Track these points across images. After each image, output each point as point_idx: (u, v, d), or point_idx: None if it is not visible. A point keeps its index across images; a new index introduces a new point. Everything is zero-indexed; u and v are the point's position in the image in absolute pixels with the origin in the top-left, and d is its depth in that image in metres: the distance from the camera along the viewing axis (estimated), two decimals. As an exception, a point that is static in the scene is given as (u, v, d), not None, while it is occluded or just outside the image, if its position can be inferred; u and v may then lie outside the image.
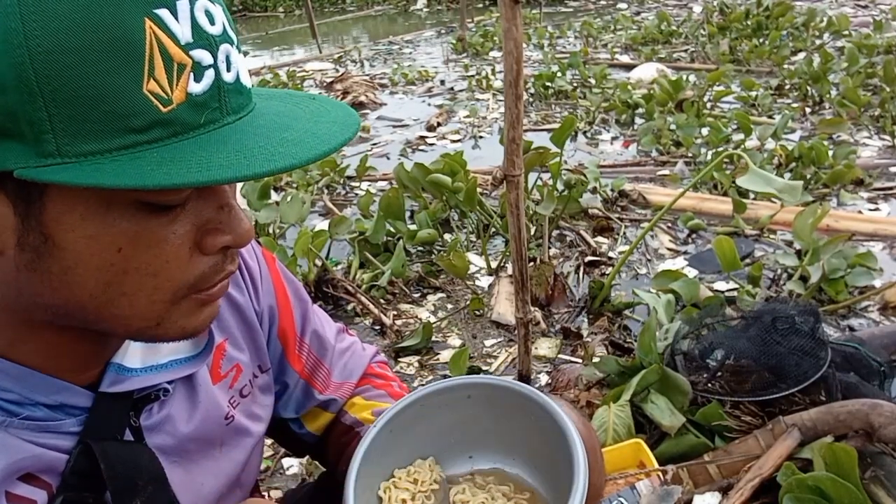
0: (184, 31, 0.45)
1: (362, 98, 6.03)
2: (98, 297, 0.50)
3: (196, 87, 0.46)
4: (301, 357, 0.84)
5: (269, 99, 0.54)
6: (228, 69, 0.48)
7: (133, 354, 0.62)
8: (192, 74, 0.45)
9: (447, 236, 3.13)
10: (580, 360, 2.18)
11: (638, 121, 4.73)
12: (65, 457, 0.57)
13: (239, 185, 3.39)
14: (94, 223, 0.47)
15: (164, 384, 0.64)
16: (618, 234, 3.08)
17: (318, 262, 2.71)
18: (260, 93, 0.54)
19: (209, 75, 0.46)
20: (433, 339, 2.39)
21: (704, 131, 4.07)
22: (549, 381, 2.09)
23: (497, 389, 0.71)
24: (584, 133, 4.68)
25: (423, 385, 0.75)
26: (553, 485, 0.61)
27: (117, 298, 0.50)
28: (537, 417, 0.68)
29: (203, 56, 0.46)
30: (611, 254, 2.90)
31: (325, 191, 3.91)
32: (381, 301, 2.63)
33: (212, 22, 0.47)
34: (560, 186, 3.14)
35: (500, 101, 5.65)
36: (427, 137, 4.93)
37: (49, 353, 0.56)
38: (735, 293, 2.42)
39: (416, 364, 2.30)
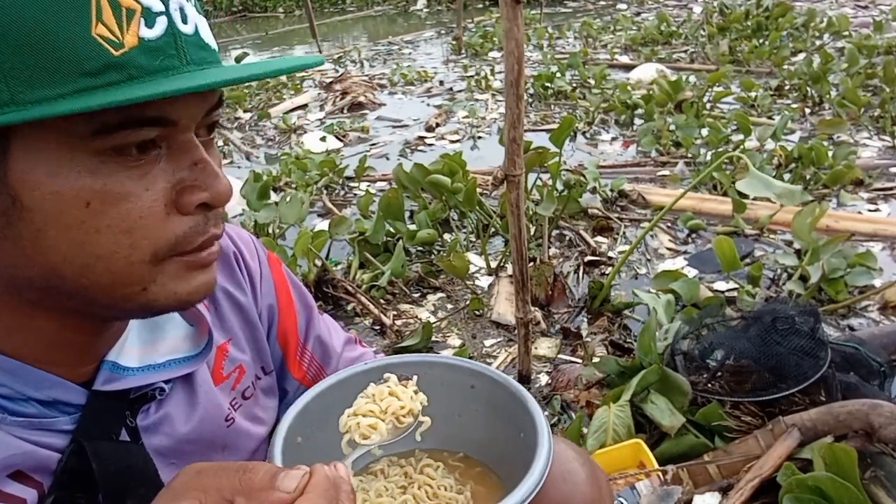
0: None
1: (361, 98, 6.03)
2: (73, 262, 0.49)
3: (149, 32, 0.46)
4: (302, 364, 0.83)
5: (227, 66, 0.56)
6: (185, 21, 0.49)
7: (130, 353, 0.61)
8: (142, 20, 0.46)
9: (447, 236, 3.13)
10: (580, 360, 2.18)
11: (637, 121, 4.73)
12: (57, 455, 0.56)
13: (237, 185, 3.39)
14: (59, 178, 0.46)
15: (161, 383, 0.63)
16: (617, 234, 3.08)
17: (318, 263, 2.70)
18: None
19: (162, 21, 0.47)
20: (433, 339, 2.39)
21: (704, 132, 4.07)
22: (549, 381, 2.09)
23: (452, 370, 0.70)
24: (584, 133, 4.68)
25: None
26: (509, 467, 0.59)
27: (94, 262, 0.49)
28: (486, 394, 0.67)
29: (152, 2, 0.46)
30: (610, 254, 2.90)
31: (325, 191, 3.91)
32: (381, 301, 2.63)
33: None
34: (560, 186, 3.14)
35: (500, 101, 5.65)
36: (426, 138, 4.93)
37: (41, 343, 0.55)
38: (735, 293, 2.42)
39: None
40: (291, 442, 0.64)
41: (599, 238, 3.06)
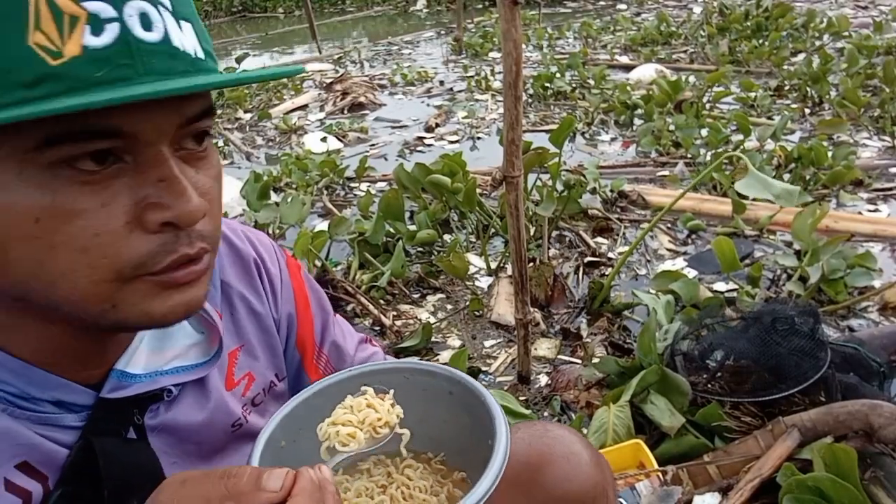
0: None
1: (362, 99, 6.03)
2: (39, 278, 0.48)
3: (94, 41, 0.43)
4: (319, 367, 0.84)
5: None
6: (148, 28, 0.46)
7: (137, 361, 0.61)
8: (88, 27, 0.43)
9: (447, 237, 3.13)
10: (580, 361, 2.18)
11: (637, 122, 4.73)
12: (64, 451, 0.56)
13: (237, 186, 3.38)
14: (7, 192, 0.44)
15: (170, 386, 0.63)
16: (617, 235, 3.08)
17: (318, 263, 2.70)
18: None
19: (112, 28, 0.44)
20: (433, 339, 2.39)
21: (704, 132, 4.07)
22: (549, 381, 2.09)
23: (432, 376, 0.72)
24: (583, 134, 4.68)
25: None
26: (479, 473, 0.60)
27: (58, 279, 0.48)
28: (463, 401, 0.69)
29: (100, 8, 0.43)
30: (610, 254, 2.90)
31: (325, 191, 3.91)
32: (381, 302, 2.63)
33: None
34: (559, 187, 3.14)
35: (499, 101, 5.65)
36: (425, 138, 4.93)
37: (43, 348, 0.55)
38: (735, 294, 2.42)
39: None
40: (274, 446, 0.65)
41: (599, 239, 3.06)
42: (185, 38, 0.48)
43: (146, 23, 0.45)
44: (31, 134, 0.43)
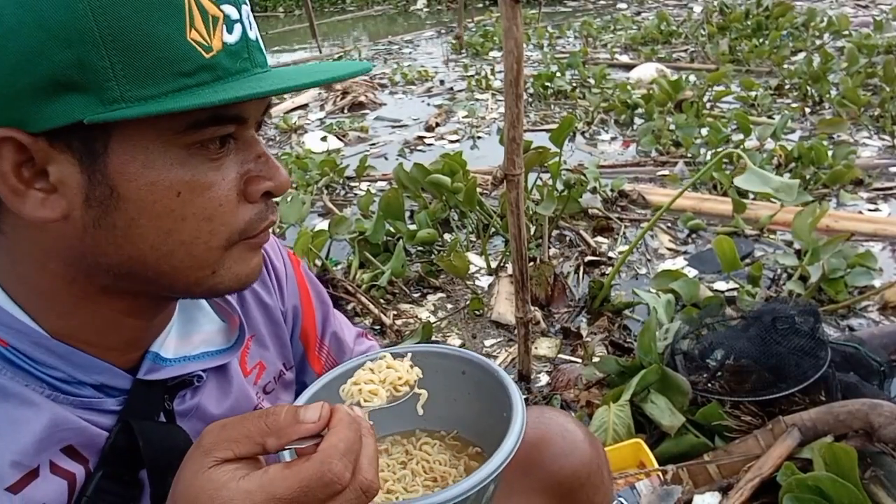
0: None
1: (362, 98, 6.03)
2: (159, 248, 0.53)
3: (230, 38, 0.52)
4: (321, 358, 0.88)
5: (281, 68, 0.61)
6: (251, 27, 0.55)
7: (168, 346, 0.65)
8: (224, 26, 0.51)
9: (447, 236, 3.13)
10: (580, 360, 2.18)
11: (637, 121, 4.73)
12: (104, 434, 0.59)
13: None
14: (154, 170, 0.51)
15: (199, 371, 0.67)
16: (617, 234, 3.08)
17: (318, 262, 2.70)
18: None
19: (238, 28, 0.53)
20: (433, 338, 2.39)
21: (704, 131, 4.07)
22: (549, 380, 2.09)
23: (445, 357, 0.76)
24: (583, 133, 4.68)
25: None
26: (496, 443, 0.63)
27: (177, 248, 0.54)
28: (475, 379, 0.73)
29: (231, 11, 0.52)
30: (611, 254, 2.90)
31: (325, 191, 3.91)
32: (381, 301, 2.63)
33: None
34: (560, 186, 3.14)
35: (500, 101, 5.65)
36: (425, 138, 4.93)
37: (96, 328, 0.58)
38: (735, 293, 2.42)
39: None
40: None
41: (599, 238, 3.06)
42: (259, 36, 0.57)
43: (250, 24, 0.55)
44: (181, 119, 0.50)
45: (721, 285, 2.56)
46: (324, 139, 4.85)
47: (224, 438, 0.49)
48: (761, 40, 6.65)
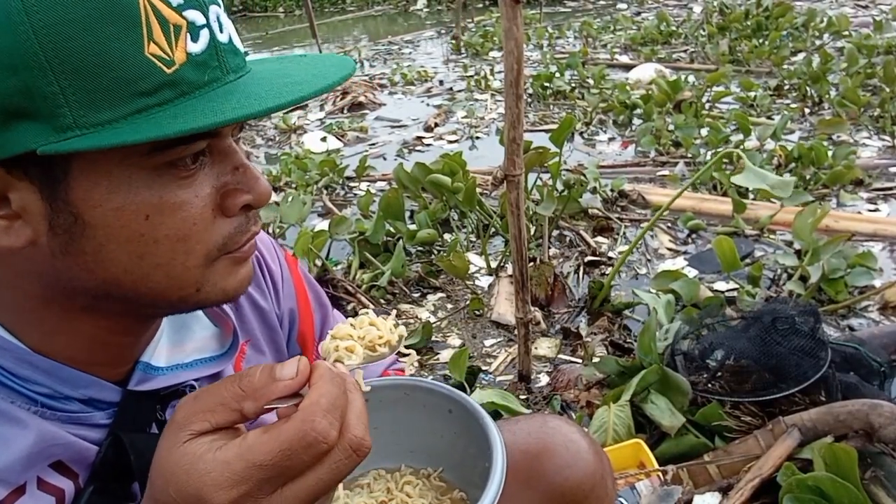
0: None
1: (362, 98, 6.03)
2: (133, 272, 0.51)
3: (194, 47, 0.47)
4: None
5: (262, 62, 0.57)
6: (221, 30, 0.50)
7: (160, 354, 0.63)
8: (188, 35, 0.47)
9: (447, 236, 3.13)
10: (580, 360, 2.18)
11: (636, 121, 4.73)
12: (94, 448, 0.57)
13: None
14: (119, 195, 0.48)
15: (191, 381, 0.65)
16: (617, 235, 3.08)
17: (318, 262, 2.70)
18: (252, 59, 0.57)
19: (205, 35, 0.48)
20: (433, 339, 2.39)
21: (703, 132, 4.07)
22: (550, 381, 2.09)
23: (432, 394, 0.72)
24: (581, 134, 4.68)
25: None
26: (478, 492, 0.60)
27: (152, 271, 0.51)
28: (461, 419, 0.69)
29: (195, 16, 0.48)
30: (610, 254, 2.90)
31: (325, 191, 3.91)
32: (381, 301, 2.63)
33: None
34: (560, 186, 3.14)
35: (499, 101, 5.65)
36: (424, 138, 4.93)
37: (83, 346, 0.56)
38: (735, 293, 2.42)
39: (416, 364, 2.29)
40: None
41: (599, 238, 3.06)
42: (236, 36, 0.53)
43: (220, 25, 0.50)
44: (144, 143, 0.46)
45: (721, 285, 2.56)
46: (323, 139, 4.85)
47: (198, 409, 0.46)
48: (761, 41, 6.65)
